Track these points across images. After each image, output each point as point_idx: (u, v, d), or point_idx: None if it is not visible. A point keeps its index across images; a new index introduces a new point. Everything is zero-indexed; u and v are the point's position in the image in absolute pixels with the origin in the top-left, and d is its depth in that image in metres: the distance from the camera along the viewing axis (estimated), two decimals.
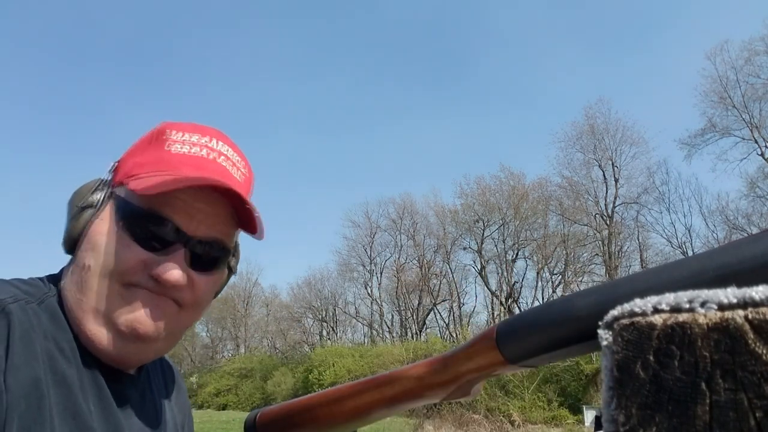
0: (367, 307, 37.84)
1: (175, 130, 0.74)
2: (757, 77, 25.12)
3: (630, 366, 0.33)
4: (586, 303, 0.50)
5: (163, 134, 0.73)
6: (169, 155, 0.72)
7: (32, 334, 0.62)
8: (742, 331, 0.30)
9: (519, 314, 0.58)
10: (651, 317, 0.33)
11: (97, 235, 0.69)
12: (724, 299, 0.31)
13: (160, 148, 0.73)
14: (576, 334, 0.51)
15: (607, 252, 28.20)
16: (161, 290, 0.69)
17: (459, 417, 16.67)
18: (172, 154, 0.72)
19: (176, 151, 0.72)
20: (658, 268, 0.48)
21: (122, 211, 0.70)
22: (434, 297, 34.18)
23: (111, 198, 0.72)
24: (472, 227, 32.24)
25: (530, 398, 18.75)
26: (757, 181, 25.30)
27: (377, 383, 0.71)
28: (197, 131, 0.74)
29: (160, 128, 0.75)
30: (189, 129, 0.74)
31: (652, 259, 27.94)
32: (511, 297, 30.67)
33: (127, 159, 0.74)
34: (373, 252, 37.13)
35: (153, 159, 0.72)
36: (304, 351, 36.46)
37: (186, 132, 0.74)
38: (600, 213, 28.92)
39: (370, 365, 24.34)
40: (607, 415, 0.34)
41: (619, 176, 28.86)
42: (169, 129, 0.74)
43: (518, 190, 31.17)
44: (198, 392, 35.22)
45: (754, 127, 25.38)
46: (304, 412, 0.77)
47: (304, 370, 28.67)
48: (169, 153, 0.72)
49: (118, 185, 0.72)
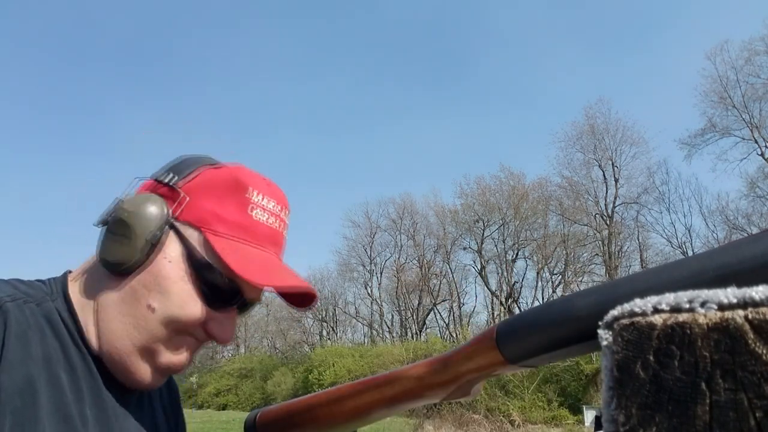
0: (367, 307, 37.90)
1: (257, 190, 0.73)
2: (757, 77, 25.15)
3: (630, 366, 0.33)
4: (586, 303, 0.50)
5: (246, 192, 0.72)
6: (252, 223, 0.72)
7: (29, 334, 0.62)
8: (742, 331, 0.30)
9: (519, 314, 0.58)
10: (651, 317, 0.33)
11: (167, 280, 0.68)
12: (724, 299, 0.31)
13: (243, 210, 0.71)
14: (576, 334, 0.51)
15: (607, 252, 28.21)
16: (206, 339, 0.73)
17: (459, 417, 16.67)
18: (255, 222, 0.72)
19: (257, 218, 0.72)
20: (658, 268, 0.48)
21: (198, 266, 0.69)
22: (434, 297, 34.19)
23: (178, 237, 0.70)
24: (472, 227, 32.28)
25: (530, 398, 18.75)
26: (757, 181, 25.32)
27: (377, 383, 0.71)
28: (273, 196, 0.75)
29: (242, 182, 0.72)
30: (266, 191, 0.74)
31: (652, 259, 27.95)
32: (511, 297, 30.68)
33: (200, 200, 0.71)
34: (373, 252, 37.18)
35: (237, 221, 0.71)
36: (304, 351, 36.43)
37: (265, 195, 0.73)
38: (600, 213, 28.94)
39: (370, 365, 24.35)
40: (607, 415, 0.34)
41: (619, 176, 28.91)
42: (251, 187, 0.72)
43: (518, 190, 31.19)
44: (198, 392, 35.25)
45: (754, 127, 25.39)
46: (304, 412, 0.77)
47: (304, 370, 28.68)
48: (251, 220, 0.72)
49: (188, 225, 0.70)
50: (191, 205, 0.70)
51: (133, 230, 0.67)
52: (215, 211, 0.70)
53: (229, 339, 0.73)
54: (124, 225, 0.68)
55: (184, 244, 0.70)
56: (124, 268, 0.68)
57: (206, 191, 0.71)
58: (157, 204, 0.69)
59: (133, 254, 0.67)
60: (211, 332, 0.72)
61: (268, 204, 0.74)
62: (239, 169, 0.74)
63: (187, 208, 0.70)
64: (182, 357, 0.72)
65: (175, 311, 0.68)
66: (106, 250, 0.68)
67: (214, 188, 0.72)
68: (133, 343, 0.68)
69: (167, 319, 0.68)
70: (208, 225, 0.70)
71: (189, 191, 0.71)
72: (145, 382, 0.71)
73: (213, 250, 0.69)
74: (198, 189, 0.71)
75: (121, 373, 0.70)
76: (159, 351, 0.70)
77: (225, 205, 0.71)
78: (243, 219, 0.71)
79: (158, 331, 0.69)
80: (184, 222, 0.70)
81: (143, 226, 0.68)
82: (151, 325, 0.68)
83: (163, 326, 0.69)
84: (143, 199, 0.69)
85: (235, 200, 0.71)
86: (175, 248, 0.69)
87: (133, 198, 0.70)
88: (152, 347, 0.69)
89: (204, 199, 0.71)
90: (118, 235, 0.68)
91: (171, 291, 0.68)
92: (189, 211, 0.70)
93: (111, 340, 0.68)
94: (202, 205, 0.71)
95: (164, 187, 0.71)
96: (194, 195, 0.71)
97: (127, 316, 0.68)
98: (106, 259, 0.68)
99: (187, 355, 0.73)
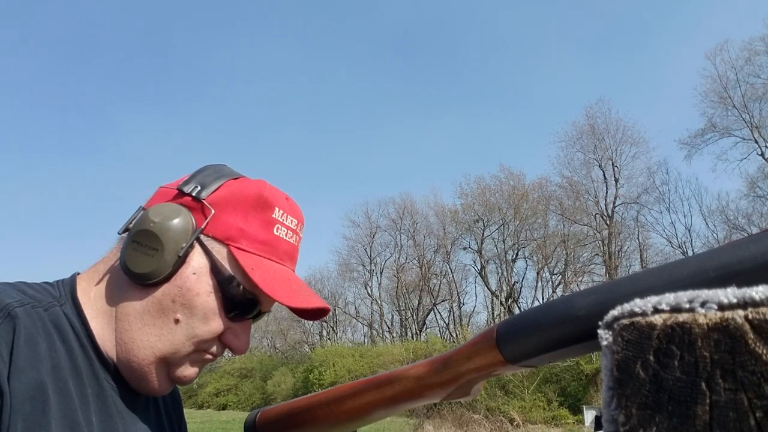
0: (367, 307, 37.92)
1: (280, 209, 0.75)
2: (757, 77, 25.14)
3: (630, 366, 0.33)
4: (586, 303, 0.50)
5: (272, 210, 0.73)
6: (276, 240, 0.74)
7: (38, 339, 0.62)
8: (742, 331, 0.30)
9: (519, 314, 0.58)
10: (651, 317, 0.33)
11: (193, 293, 0.69)
12: (724, 299, 0.31)
13: (268, 228, 0.73)
14: (576, 334, 0.51)
15: (607, 252, 28.21)
16: (219, 353, 0.75)
17: (459, 417, 16.67)
18: (277, 239, 0.74)
19: (279, 235, 0.74)
20: (658, 268, 0.48)
21: (223, 281, 0.70)
22: (434, 297, 34.20)
23: (203, 251, 0.70)
24: (472, 227, 32.27)
25: (530, 398, 18.76)
26: (757, 181, 25.32)
27: (377, 383, 0.71)
28: (293, 213, 0.77)
29: (267, 200, 0.73)
30: (287, 208, 0.76)
31: (652, 259, 27.95)
32: (511, 297, 30.68)
33: (226, 214, 0.71)
34: (373, 252, 37.18)
35: (262, 238, 0.72)
36: (304, 351, 36.48)
37: (285, 213, 0.75)
38: (600, 213, 28.94)
39: (370, 365, 24.35)
40: (607, 415, 0.34)
41: (619, 176, 28.90)
42: (276, 206, 0.74)
43: (518, 190, 31.19)
44: (198, 392, 35.25)
45: (754, 127, 25.39)
46: (304, 412, 0.77)
47: (304, 370, 28.68)
48: (275, 237, 0.74)
49: (214, 239, 0.71)
50: (217, 218, 0.70)
51: (162, 243, 0.67)
52: (241, 227, 0.71)
53: (245, 349, 0.75)
54: (153, 237, 0.67)
55: (210, 258, 0.70)
56: (150, 281, 0.68)
57: (232, 206, 0.72)
58: (185, 217, 0.69)
59: (162, 267, 0.67)
60: (228, 343, 0.74)
61: (290, 221, 0.76)
62: (263, 186, 0.75)
63: (212, 222, 0.70)
64: (195, 371, 0.74)
65: (199, 325, 0.70)
66: (132, 260, 0.68)
67: (240, 203, 0.72)
68: (155, 353, 0.69)
69: (191, 332, 0.69)
70: (233, 240, 0.71)
71: (214, 204, 0.71)
72: (157, 390, 0.72)
73: (239, 265, 0.70)
74: (224, 203, 0.71)
75: (136, 380, 0.71)
76: (176, 363, 0.71)
77: (250, 222, 0.72)
78: (267, 236, 0.73)
79: (181, 344, 0.70)
80: (209, 236, 0.70)
81: (172, 239, 0.67)
82: (176, 337, 0.69)
83: (186, 339, 0.70)
84: (172, 211, 0.69)
85: (260, 217, 0.72)
86: (200, 262, 0.70)
87: (160, 208, 0.70)
88: (171, 359, 0.70)
89: (230, 214, 0.71)
90: (145, 246, 0.67)
91: (196, 305, 0.69)
92: (215, 226, 0.70)
93: (131, 349, 0.69)
94: (227, 219, 0.71)
95: (189, 199, 0.71)
96: (220, 209, 0.71)
97: (151, 327, 0.69)
98: (130, 269, 0.68)
99: (198, 369, 0.74)
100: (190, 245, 0.68)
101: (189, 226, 0.69)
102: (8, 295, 0.63)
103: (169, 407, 0.85)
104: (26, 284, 0.69)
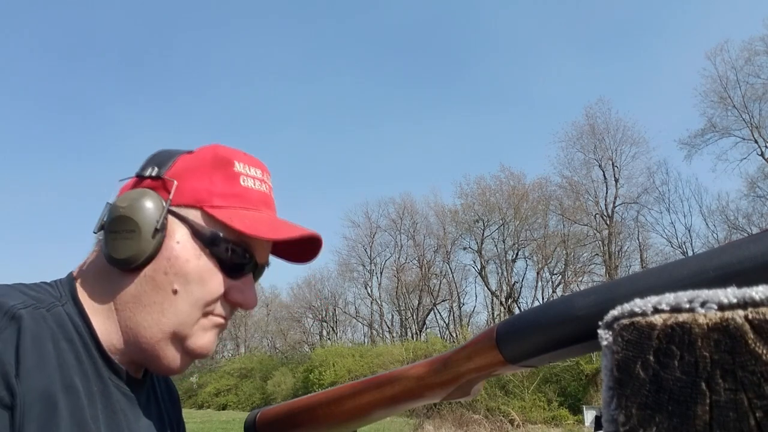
0: (367, 307, 37.90)
1: (241, 162, 0.76)
2: (757, 77, 25.14)
3: (630, 366, 0.33)
4: (586, 303, 0.50)
5: (232, 165, 0.75)
6: (245, 191, 0.75)
7: (43, 340, 0.62)
8: (742, 331, 0.30)
9: (519, 314, 0.58)
10: (651, 317, 0.33)
11: (182, 261, 0.70)
12: (724, 299, 0.31)
13: (233, 181, 0.74)
14: (576, 334, 0.51)
15: (607, 252, 28.21)
16: (229, 315, 0.76)
17: (459, 417, 16.65)
18: (246, 189, 0.75)
19: (247, 186, 0.76)
20: (658, 268, 0.48)
21: (208, 241, 0.71)
22: (434, 297, 34.19)
23: (179, 220, 0.71)
24: (472, 227, 32.27)
25: (530, 398, 18.75)
26: (757, 181, 25.33)
27: (377, 383, 0.71)
28: (254, 165, 0.78)
29: (224, 156, 0.75)
30: (247, 161, 0.77)
31: (652, 259, 27.95)
32: (511, 297, 30.68)
33: (189, 181, 0.73)
34: (373, 252, 37.16)
35: (230, 192, 0.74)
36: (304, 351, 36.44)
37: (247, 165, 0.77)
38: (600, 213, 28.94)
39: (370, 365, 24.33)
40: (607, 415, 0.34)
41: (619, 176, 28.89)
42: (236, 161, 0.75)
43: (518, 190, 31.18)
44: (198, 392, 35.24)
45: (754, 127, 25.39)
46: (304, 412, 0.78)
47: (304, 370, 28.66)
48: (243, 188, 0.75)
49: (185, 207, 0.72)
50: (181, 188, 0.72)
51: (137, 222, 0.68)
52: (207, 188, 0.73)
53: (253, 303, 0.76)
54: (126, 220, 0.69)
55: (187, 224, 0.71)
56: (138, 262, 0.69)
57: (191, 172, 0.74)
58: (151, 195, 0.71)
59: (144, 246, 0.68)
60: (234, 300, 0.74)
61: (253, 171, 0.77)
62: (217, 147, 0.77)
63: (178, 192, 0.72)
64: (209, 339, 0.74)
65: (198, 289, 0.70)
66: (114, 249, 0.69)
67: (199, 168, 0.74)
68: (162, 329, 0.70)
69: (192, 298, 0.70)
70: (204, 202, 0.72)
71: (175, 176, 0.73)
72: (174, 367, 0.72)
73: (217, 221, 0.71)
74: (184, 172, 0.73)
75: (152, 362, 0.72)
76: (187, 335, 0.71)
77: (214, 181, 0.73)
78: (236, 189, 0.74)
79: (186, 313, 0.70)
80: (180, 205, 0.72)
81: (145, 217, 0.69)
82: (179, 307, 0.70)
83: (190, 306, 0.70)
84: (136, 194, 0.71)
85: (222, 174, 0.74)
86: (180, 230, 0.71)
87: (124, 196, 0.71)
88: (181, 332, 0.71)
89: (193, 180, 0.73)
90: (122, 231, 0.69)
91: (188, 270, 0.70)
92: (181, 194, 0.72)
93: (139, 332, 0.70)
94: (192, 185, 0.73)
95: (149, 180, 0.73)
96: (182, 179, 0.73)
97: (152, 305, 0.69)
98: (116, 258, 0.69)
99: (213, 336, 0.75)
100: (165, 218, 0.70)
101: (158, 202, 0.70)
102: (11, 297, 0.63)
103: (167, 403, 0.85)
104: (25, 285, 0.69)
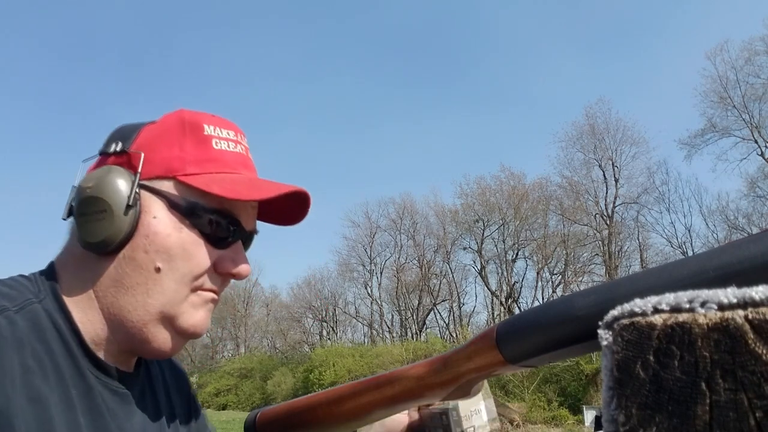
0: (367, 307, 37.85)
1: (210, 124, 0.71)
2: (757, 77, 25.11)
3: (630, 366, 0.33)
4: (586, 303, 0.50)
5: (201, 129, 0.70)
6: (219, 153, 0.70)
7: (3, 348, 0.56)
8: (742, 331, 0.30)
9: (519, 314, 0.58)
10: (651, 317, 0.33)
11: (162, 236, 0.65)
12: (724, 299, 0.31)
13: (205, 145, 0.69)
14: (576, 334, 0.51)
15: (607, 252, 28.19)
16: (221, 289, 0.71)
17: None
18: (220, 152, 0.70)
19: (221, 148, 0.71)
20: (658, 268, 0.48)
21: (187, 211, 0.66)
22: (434, 297, 34.17)
23: (153, 193, 0.66)
24: (472, 227, 32.24)
25: (530, 398, 18.75)
26: (757, 181, 25.30)
27: (377, 383, 0.71)
28: (226, 126, 0.73)
29: (192, 121, 0.70)
30: (217, 123, 0.72)
31: (652, 259, 27.93)
32: (511, 297, 30.67)
33: (157, 152, 0.68)
34: (373, 252, 37.09)
35: (203, 157, 0.69)
36: (304, 351, 36.42)
37: (218, 126, 0.72)
38: (600, 213, 28.92)
39: (370, 365, 24.32)
40: (607, 415, 0.34)
41: (619, 176, 28.85)
42: (205, 124, 0.70)
43: (518, 190, 31.16)
44: (198, 392, 35.18)
45: (754, 127, 25.37)
46: (304, 412, 0.77)
47: (304, 370, 28.65)
48: (216, 151, 0.70)
49: (157, 179, 0.67)
50: (150, 159, 0.67)
51: (107, 201, 0.64)
52: (178, 155, 0.68)
53: (246, 271, 0.71)
54: (95, 200, 0.64)
55: (162, 196, 0.66)
56: (115, 243, 0.64)
57: (160, 142, 0.69)
58: (118, 170, 0.66)
59: (118, 225, 0.64)
60: (226, 271, 0.69)
61: (225, 133, 0.72)
62: (182, 111, 0.72)
63: (147, 164, 0.67)
64: (201, 315, 0.69)
65: (182, 264, 0.66)
66: (87, 232, 0.64)
67: (166, 136, 0.69)
68: (149, 311, 0.65)
69: (178, 274, 0.66)
70: (177, 171, 0.67)
71: (141, 148, 0.68)
72: (166, 350, 0.68)
73: (195, 189, 0.66)
74: (151, 143, 0.68)
75: (141, 346, 0.67)
76: (177, 314, 0.67)
77: (185, 147, 0.69)
78: (208, 153, 0.69)
79: (172, 291, 0.66)
80: (152, 178, 0.67)
81: (115, 194, 0.64)
82: (165, 285, 0.65)
83: (177, 283, 0.66)
84: (101, 172, 0.66)
85: (192, 139, 0.69)
86: (155, 204, 0.66)
87: (89, 176, 0.67)
88: (169, 311, 0.66)
89: (161, 150, 0.68)
90: (92, 213, 0.64)
91: (169, 245, 0.65)
92: (151, 165, 0.67)
93: (124, 317, 0.65)
94: (161, 155, 0.68)
95: (113, 157, 0.68)
96: (149, 149, 0.68)
97: (135, 287, 0.65)
98: (91, 242, 0.64)
99: (205, 313, 0.70)
100: (136, 193, 0.65)
101: (126, 177, 0.65)
102: None
103: (173, 391, 0.81)
104: (1, 282, 0.64)
